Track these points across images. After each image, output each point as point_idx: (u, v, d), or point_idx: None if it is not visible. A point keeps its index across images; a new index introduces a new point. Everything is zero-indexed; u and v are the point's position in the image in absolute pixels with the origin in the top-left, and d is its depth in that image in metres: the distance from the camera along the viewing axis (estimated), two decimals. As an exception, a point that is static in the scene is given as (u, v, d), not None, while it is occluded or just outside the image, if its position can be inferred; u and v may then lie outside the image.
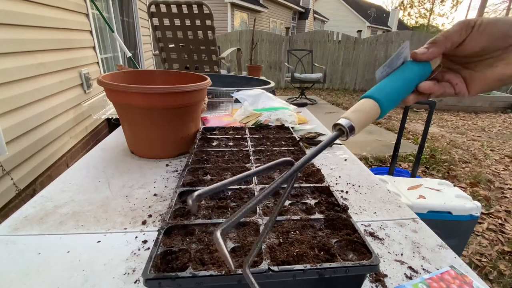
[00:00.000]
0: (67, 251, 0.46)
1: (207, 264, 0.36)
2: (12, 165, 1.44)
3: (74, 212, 0.56)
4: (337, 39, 6.89)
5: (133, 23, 3.81)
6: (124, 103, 0.75)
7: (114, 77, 0.82)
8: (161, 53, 2.41)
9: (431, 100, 2.14)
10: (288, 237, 0.41)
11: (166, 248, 0.39)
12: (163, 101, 0.73)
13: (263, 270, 0.35)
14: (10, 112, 1.44)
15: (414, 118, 4.63)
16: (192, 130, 0.85)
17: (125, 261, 0.44)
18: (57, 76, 1.88)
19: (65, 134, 1.97)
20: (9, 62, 1.45)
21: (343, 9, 18.19)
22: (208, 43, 2.30)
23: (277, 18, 12.99)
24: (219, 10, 8.74)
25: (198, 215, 0.47)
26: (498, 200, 2.25)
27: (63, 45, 1.97)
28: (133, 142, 0.83)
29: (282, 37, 6.96)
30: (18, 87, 1.50)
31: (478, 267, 1.57)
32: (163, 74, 0.97)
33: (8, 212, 1.38)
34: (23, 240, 0.49)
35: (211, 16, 2.15)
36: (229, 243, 0.41)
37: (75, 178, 0.69)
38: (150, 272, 0.34)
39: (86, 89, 2.27)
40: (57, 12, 1.91)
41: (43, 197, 0.61)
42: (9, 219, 0.54)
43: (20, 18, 1.54)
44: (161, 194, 0.63)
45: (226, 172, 0.63)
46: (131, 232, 0.51)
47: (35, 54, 1.65)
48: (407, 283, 0.38)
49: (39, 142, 1.66)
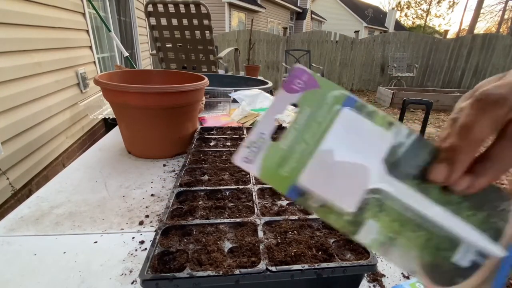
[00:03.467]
0: (64, 252, 0.46)
1: (204, 264, 0.36)
2: (7, 165, 1.43)
3: (71, 213, 0.56)
4: (334, 40, 6.91)
5: (130, 23, 3.79)
6: (121, 102, 0.74)
7: (111, 76, 0.82)
8: (159, 53, 2.40)
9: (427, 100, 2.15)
10: (286, 237, 0.41)
11: (164, 248, 0.39)
12: (160, 101, 0.72)
13: (261, 270, 0.34)
14: (6, 112, 1.43)
15: (411, 118, 4.65)
16: (190, 130, 0.85)
17: (122, 262, 0.44)
18: (53, 75, 1.87)
19: (61, 134, 1.96)
20: (4, 61, 1.44)
21: (341, 10, 18.24)
22: (205, 43, 2.30)
23: (275, 18, 13.00)
24: (216, 10, 8.73)
25: (195, 215, 0.47)
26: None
27: (60, 45, 1.95)
28: (130, 142, 0.83)
29: (280, 37, 6.97)
30: (14, 87, 1.49)
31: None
32: (161, 74, 0.97)
33: (4, 212, 1.37)
34: (19, 241, 0.48)
35: (208, 16, 2.15)
36: (227, 243, 0.40)
37: (71, 178, 0.68)
38: (147, 272, 0.34)
39: (83, 88, 2.26)
40: (53, 11, 1.90)
41: (39, 198, 0.60)
42: (4, 219, 0.53)
43: (15, 17, 1.53)
44: (158, 194, 0.63)
45: (224, 172, 0.63)
46: (128, 232, 0.51)
47: (31, 53, 1.64)
48: (405, 282, 0.38)
49: (35, 142, 1.65)
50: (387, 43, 6.78)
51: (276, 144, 0.19)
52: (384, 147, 0.19)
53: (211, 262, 0.36)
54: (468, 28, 16.89)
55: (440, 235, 0.20)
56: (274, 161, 0.19)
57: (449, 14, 31.92)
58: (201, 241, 0.40)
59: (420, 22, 27.87)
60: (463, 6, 29.30)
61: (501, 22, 19.30)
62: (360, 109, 0.19)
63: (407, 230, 0.19)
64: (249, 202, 0.51)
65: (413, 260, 0.20)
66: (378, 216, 0.19)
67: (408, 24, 28.06)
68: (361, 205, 0.19)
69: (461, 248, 0.20)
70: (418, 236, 0.19)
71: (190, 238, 0.41)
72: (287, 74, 0.28)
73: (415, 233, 0.20)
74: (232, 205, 0.51)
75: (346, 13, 18.11)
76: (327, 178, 0.19)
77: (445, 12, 39.04)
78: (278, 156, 0.19)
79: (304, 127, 0.19)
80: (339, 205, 0.19)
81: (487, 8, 21.76)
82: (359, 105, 0.19)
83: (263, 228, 0.43)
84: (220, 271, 0.34)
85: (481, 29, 27.98)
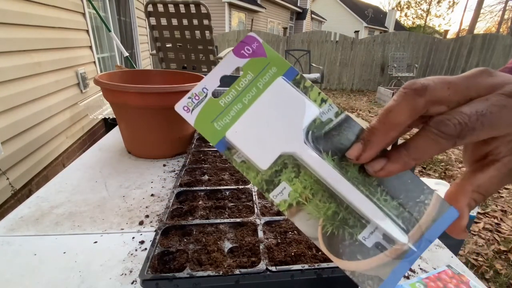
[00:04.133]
0: (63, 252, 0.46)
1: (204, 264, 0.36)
2: (7, 165, 1.43)
3: (71, 213, 0.56)
4: (334, 40, 6.91)
5: (130, 23, 3.79)
6: (121, 102, 0.74)
7: (111, 76, 0.82)
8: (159, 53, 2.40)
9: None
10: (286, 237, 0.41)
11: (164, 248, 0.39)
12: (160, 100, 0.72)
13: (261, 270, 0.34)
14: (6, 112, 1.43)
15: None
16: (190, 130, 0.85)
17: (122, 262, 0.44)
18: (53, 75, 1.87)
19: (61, 134, 1.96)
20: (4, 61, 1.44)
21: (341, 10, 18.24)
22: (205, 43, 2.30)
23: (275, 18, 13.00)
24: (216, 10, 8.73)
25: (195, 215, 0.47)
26: (494, 200, 2.27)
27: (59, 45, 1.95)
28: (130, 142, 0.83)
29: (280, 37, 6.97)
30: (14, 87, 1.49)
31: (475, 266, 1.58)
32: (161, 74, 0.97)
33: (4, 212, 1.37)
34: (19, 241, 0.48)
35: (208, 16, 2.15)
36: (227, 243, 0.40)
37: (71, 178, 0.68)
38: (147, 272, 0.34)
39: (83, 88, 2.26)
40: (53, 11, 1.90)
41: (39, 198, 0.60)
42: (4, 219, 0.53)
43: (15, 17, 1.53)
44: (158, 194, 0.63)
45: (224, 172, 0.63)
46: (128, 232, 0.51)
47: (30, 53, 1.64)
48: (405, 282, 0.38)
49: (35, 142, 1.65)
50: (387, 43, 6.78)
51: (216, 100, 0.20)
52: (308, 118, 0.20)
53: (211, 262, 0.36)
54: (468, 28, 16.90)
55: (349, 211, 0.20)
56: (210, 114, 0.20)
57: (449, 14, 31.95)
58: (201, 241, 0.40)
59: (420, 22, 27.88)
60: (463, 6, 29.31)
61: (501, 22, 19.30)
62: (299, 82, 0.20)
63: (317, 199, 0.21)
64: (249, 202, 0.51)
65: (316, 228, 0.21)
66: (293, 181, 0.20)
67: (408, 24, 28.07)
68: (278, 168, 0.20)
69: (368, 228, 0.20)
70: (327, 207, 0.20)
71: (190, 238, 0.41)
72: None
73: (324, 204, 0.21)
74: (232, 205, 0.51)
75: (346, 13, 18.11)
76: (248, 136, 0.20)
77: (445, 12, 39.01)
78: (215, 111, 0.20)
79: (244, 90, 0.20)
80: (254, 162, 0.20)
81: (487, 8, 21.76)
82: (298, 78, 0.20)
83: (263, 228, 0.43)
84: (220, 271, 0.34)
85: (481, 29, 27.98)
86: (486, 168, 0.20)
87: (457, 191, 0.21)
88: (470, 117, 0.18)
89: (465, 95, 0.19)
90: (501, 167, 0.20)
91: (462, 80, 0.19)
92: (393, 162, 0.19)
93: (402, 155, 0.19)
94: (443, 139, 0.18)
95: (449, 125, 0.18)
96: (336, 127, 0.21)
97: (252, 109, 0.20)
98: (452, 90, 0.19)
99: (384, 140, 0.19)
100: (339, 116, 0.21)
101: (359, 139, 0.20)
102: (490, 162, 0.20)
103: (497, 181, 0.20)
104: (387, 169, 0.20)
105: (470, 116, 0.18)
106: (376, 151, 0.20)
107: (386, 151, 0.20)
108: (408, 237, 0.20)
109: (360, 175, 0.20)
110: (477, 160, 0.21)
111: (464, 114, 0.18)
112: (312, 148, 0.20)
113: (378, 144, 0.19)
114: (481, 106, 0.18)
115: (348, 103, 5.71)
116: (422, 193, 0.20)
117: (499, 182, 0.20)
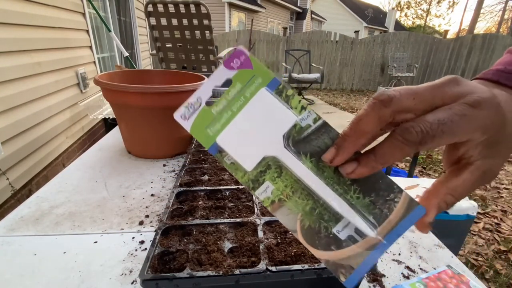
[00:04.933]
0: (63, 252, 0.46)
1: (204, 264, 0.36)
2: (7, 165, 1.43)
3: (71, 213, 0.56)
4: (334, 40, 6.91)
5: (130, 23, 3.79)
6: (121, 102, 0.74)
7: (111, 76, 0.82)
8: (159, 53, 2.40)
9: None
10: (286, 237, 0.41)
11: (164, 248, 0.39)
12: (160, 100, 0.72)
13: (261, 270, 0.34)
14: (6, 112, 1.43)
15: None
16: (190, 130, 0.85)
17: (122, 262, 0.44)
18: (53, 75, 1.87)
19: (61, 134, 1.96)
20: (4, 61, 1.44)
21: (341, 10, 18.25)
22: (205, 43, 2.30)
23: (275, 18, 13.00)
24: (216, 10, 8.73)
25: (195, 215, 0.47)
26: (494, 200, 2.27)
27: (59, 44, 1.95)
28: (130, 142, 0.83)
29: (280, 37, 6.97)
30: (14, 87, 1.49)
31: (475, 267, 1.58)
32: (160, 74, 0.97)
33: (4, 212, 1.37)
34: (19, 241, 0.48)
35: (208, 16, 2.15)
36: (227, 243, 0.40)
37: (71, 178, 0.68)
38: (147, 272, 0.34)
39: (83, 88, 2.26)
40: (53, 11, 1.90)
41: (39, 198, 0.60)
42: (4, 219, 0.53)
43: (15, 17, 1.53)
44: (158, 194, 0.63)
45: (224, 172, 0.63)
46: (128, 232, 0.51)
47: (30, 53, 1.64)
48: (405, 282, 0.38)
49: (35, 142, 1.65)
50: (387, 43, 6.78)
51: (209, 108, 0.23)
52: (287, 125, 0.22)
53: (211, 262, 0.36)
54: (468, 28, 16.89)
55: (325, 207, 0.23)
56: (204, 121, 0.23)
57: (449, 14, 31.97)
58: (201, 241, 0.40)
59: (420, 22, 27.88)
60: (463, 6, 29.30)
61: (501, 22, 19.31)
62: (281, 91, 0.22)
63: (296, 196, 0.23)
64: (249, 202, 0.51)
65: (296, 222, 0.23)
66: (275, 180, 0.23)
67: (408, 24, 28.07)
68: (262, 168, 0.23)
69: (341, 222, 0.23)
70: (305, 204, 0.23)
71: (190, 238, 0.41)
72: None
73: (303, 200, 0.23)
74: (232, 205, 0.51)
75: (346, 13, 18.11)
76: (236, 141, 0.23)
77: (445, 12, 39.04)
78: (208, 118, 0.23)
79: (233, 99, 0.22)
80: (241, 164, 0.23)
81: (487, 8, 21.77)
82: (281, 87, 0.22)
83: (263, 228, 0.43)
84: (220, 271, 0.34)
85: (481, 29, 27.99)
86: (461, 171, 0.22)
87: (430, 192, 0.23)
88: (432, 125, 0.19)
89: (430, 103, 0.20)
90: (474, 170, 0.22)
91: (429, 89, 0.20)
92: (363, 166, 0.21)
93: (370, 160, 0.21)
94: (407, 146, 0.20)
95: (412, 133, 0.19)
96: (314, 131, 0.23)
97: (239, 117, 0.23)
98: (418, 100, 0.20)
99: (354, 146, 0.21)
100: (317, 122, 0.22)
101: (334, 143, 0.22)
102: (463, 166, 0.22)
103: (470, 184, 0.22)
104: (357, 172, 0.22)
105: (432, 124, 0.19)
106: (347, 155, 0.22)
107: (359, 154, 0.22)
108: (378, 231, 0.22)
109: (335, 175, 0.23)
110: (453, 162, 0.23)
111: (426, 122, 0.19)
112: (292, 151, 0.23)
113: (349, 150, 0.21)
114: (443, 114, 0.20)
115: (348, 103, 5.71)
116: (392, 192, 0.22)
117: (472, 185, 0.22)
